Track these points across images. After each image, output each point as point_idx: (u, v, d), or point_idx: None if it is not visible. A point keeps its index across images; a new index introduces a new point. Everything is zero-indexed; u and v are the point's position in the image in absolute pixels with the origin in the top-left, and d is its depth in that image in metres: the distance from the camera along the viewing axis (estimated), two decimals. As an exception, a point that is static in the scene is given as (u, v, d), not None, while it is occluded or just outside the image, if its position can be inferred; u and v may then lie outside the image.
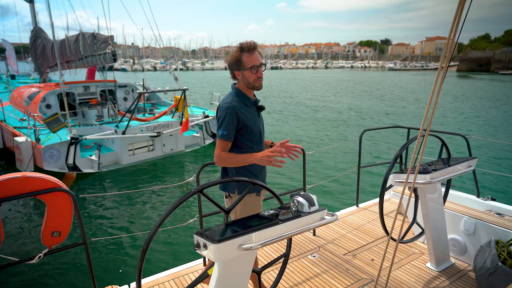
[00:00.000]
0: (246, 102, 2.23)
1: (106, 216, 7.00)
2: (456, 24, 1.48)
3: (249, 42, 2.16)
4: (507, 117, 19.26)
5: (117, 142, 9.96)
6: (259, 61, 2.17)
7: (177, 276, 2.83)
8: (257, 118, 2.28)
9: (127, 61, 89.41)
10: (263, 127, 2.37)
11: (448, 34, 1.62)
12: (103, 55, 9.97)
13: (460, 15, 1.45)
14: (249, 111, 2.22)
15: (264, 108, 2.33)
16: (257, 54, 2.18)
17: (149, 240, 1.53)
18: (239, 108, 2.17)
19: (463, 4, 1.43)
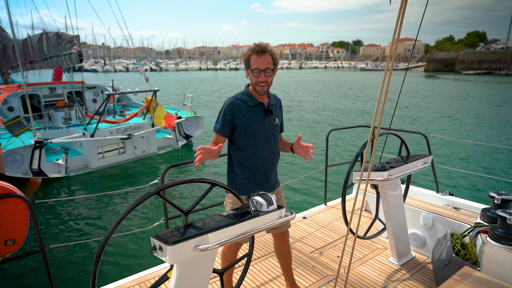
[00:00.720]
0: (250, 102, 2.21)
1: (67, 222, 6.78)
2: (399, 28, 1.55)
3: (260, 43, 2.11)
4: (472, 115, 20.25)
5: (85, 145, 9.66)
6: (264, 66, 2.09)
7: (142, 280, 2.78)
8: (260, 119, 2.21)
9: (97, 61, 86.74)
10: (272, 129, 2.28)
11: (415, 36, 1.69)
12: (69, 55, 9.63)
13: (402, 19, 1.52)
14: (251, 111, 2.20)
15: (271, 111, 2.24)
16: (266, 58, 2.10)
17: (103, 245, 1.49)
18: (239, 105, 2.18)
19: (404, 8, 1.50)
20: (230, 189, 1.94)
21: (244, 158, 2.25)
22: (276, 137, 2.33)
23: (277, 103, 2.35)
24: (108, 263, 5.27)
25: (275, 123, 2.30)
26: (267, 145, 2.27)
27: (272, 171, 2.35)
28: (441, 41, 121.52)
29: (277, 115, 2.32)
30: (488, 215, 2.75)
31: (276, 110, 2.32)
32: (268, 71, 2.11)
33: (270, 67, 2.12)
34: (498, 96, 31.03)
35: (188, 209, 1.78)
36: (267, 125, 2.24)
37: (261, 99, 2.24)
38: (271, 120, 2.26)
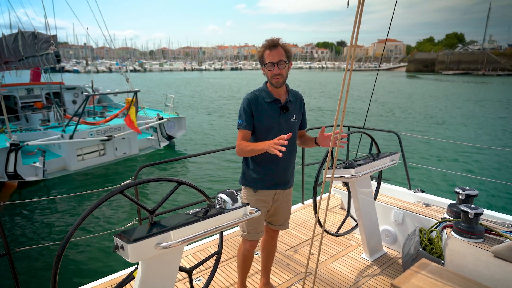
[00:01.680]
0: (266, 98, 2.23)
1: (39, 224, 6.65)
2: (357, 28, 1.59)
3: (272, 39, 2.16)
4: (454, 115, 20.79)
5: (64, 147, 9.46)
6: (277, 58, 2.12)
7: (114, 283, 2.75)
8: (276, 116, 2.22)
9: (79, 62, 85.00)
10: (289, 126, 2.27)
11: (398, 36, 1.74)
12: (45, 55, 9.41)
13: (359, 20, 1.57)
14: (267, 107, 2.21)
15: (287, 108, 2.23)
16: (279, 51, 2.13)
17: (64, 245, 1.48)
18: (256, 101, 2.22)
19: (361, 10, 1.55)
20: (196, 187, 1.95)
21: (261, 154, 2.22)
22: (294, 134, 2.30)
23: (296, 99, 2.33)
24: (79, 266, 5.18)
25: (292, 120, 2.28)
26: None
27: (287, 169, 2.34)
28: (422, 42, 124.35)
29: (295, 112, 2.30)
30: (454, 210, 2.85)
31: (295, 107, 2.30)
32: (282, 63, 2.13)
33: (283, 59, 2.14)
34: (476, 95, 31.96)
35: (154, 208, 1.78)
36: (283, 122, 2.24)
37: (277, 95, 2.25)
38: (287, 117, 2.25)
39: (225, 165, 10.30)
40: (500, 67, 68.88)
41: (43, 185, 8.72)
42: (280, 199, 2.40)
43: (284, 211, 2.48)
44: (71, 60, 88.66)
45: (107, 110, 13.26)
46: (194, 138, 14.17)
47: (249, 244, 2.42)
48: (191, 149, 12.62)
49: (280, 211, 2.45)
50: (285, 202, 2.45)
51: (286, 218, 2.53)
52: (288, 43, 2.26)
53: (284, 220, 2.52)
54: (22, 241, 5.98)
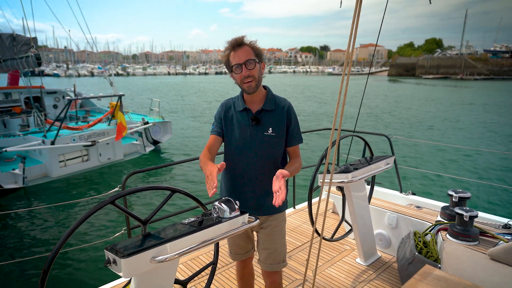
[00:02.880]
0: (237, 106, 1.94)
1: (19, 236, 6.31)
2: (354, 34, 1.56)
3: (235, 37, 1.82)
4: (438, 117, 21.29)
5: (45, 153, 9.15)
6: (244, 58, 1.78)
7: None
8: (245, 127, 1.90)
9: (60, 66, 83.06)
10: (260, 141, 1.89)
11: (379, 41, 1.71)
12: (25, 58, 9.10)
13: (357, 23, 1.54)
14: (238, 117, 1.93)
15: (257, 120, 1.88)
16: (245, 50, 1.79)
17: (51, 260, 1.37)
18: (229, 107, 1.97)
19: (358, 17, 1.52)
20: (191, 196, 1.87)
21: (227, 168, 1.99)
22: (266, 150, 1.90)
23: (277, 108, 1.91)
24: (65, 278, 4.96)
25: (267, 133, 1.88)
26: (249, 160, 1.91)
27: (254, 192, 1.95)
28: (403, 47, 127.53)
29: (272, 125, 1.88)
30: (447, 212, 2.86)
31: (272, 118, 1.89)
32: (250, 63, 1.79)
33: (251, 58, 1.80)
34: (457, 99, 32.89)
35: (147, 218, 1.68)
36: (253, 135, 1.89)
37: (250, 103, 1.91)
38: (259, 129, 1.88)
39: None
40: (477, 72, 71.26)
41: (24, 193, 8.39)
42: (257, 228, 2.04)
43: (265, 242, 2.01)
44: (51, 64, 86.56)
45: (90, 114, 12.94)
46: (181, 143, 13.99)
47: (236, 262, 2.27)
48: (178, 154, 12.43)
49: (261, 239, 2.04)
50: (264, 234, 2.01)
51: (267, 255, 2.01)
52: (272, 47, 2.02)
53: (265, 257, 2.02)
54: (2, 255, 5.68)
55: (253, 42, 1.83)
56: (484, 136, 15.84)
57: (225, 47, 1.85)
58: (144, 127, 11.39)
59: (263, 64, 1.89)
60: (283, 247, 2.05)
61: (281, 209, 2.01)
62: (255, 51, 1.83)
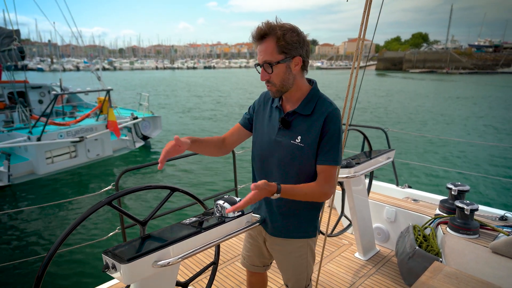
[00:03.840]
0: (272, 103, 1.68)
1: (8, 238, 6.08)
2: (365, 26, 1.50)
3: (259, 26, 1.45)
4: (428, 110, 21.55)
5: (31, 150, 8.89)
6: (261, 58, 1.46)
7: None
8: (272, 130, 1.61)
9: (44, 60, 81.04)
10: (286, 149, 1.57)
11: (367, 35, 1.65)
12: (8, 51, 8.78)
13: (367, 18, 1.48)
14: (269, 112, 1.66)
15: (286, 123, 1.56)
16: (266, 45, 1.44)
17: (45, 265, 1.27)
18: (264, 100, 1.71)
19: (369, 6, 1.46)
20: (191, 194, 1.79)
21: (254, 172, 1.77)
22: (291, 161, 1.56)
23: (314, 114, 1.53)
24: (57, 281, 4.82)
25: (294, 142, 1.54)
26: (269, 168, 1.65)
27: (272, 206, 1.67)
28: (390, 41, 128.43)
29: (303, 132, 1.53)
30: (447, 206, 2.85)
31: (305, 124, 1.53)
32: (267, 67, 1.46)
33: (269, 59, 1.44)
34: (446, 92, 33.37)
35: (145, 218, 1.59)
36: (279, 140, 1.58)
37: (286, 102, 1.60)
38: (286, 135, 1.56)
39: (213, 166, 10.05)
40: (462, 66, 72.45)
41: (9, 191, 8.15)
42: (269, 246, 1.78)
43: (282, 266, 1.79)
44: (35, 58, 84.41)
45: (77, 110, 12.63)
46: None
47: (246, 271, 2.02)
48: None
49: (279, 264, 1.82)
50: (281, 256, 1.77)
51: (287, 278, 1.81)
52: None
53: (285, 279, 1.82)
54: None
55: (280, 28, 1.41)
56: (476, 129, 16.12)
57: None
58: (133, 122, 11.19)
59: (296, 60, 1.47)
60: (305, 274, 1.78)
61: (300, 236, 1.69)
62: (280, 44, 1.42)
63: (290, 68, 1.48)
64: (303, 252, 1.72)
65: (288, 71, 1.48)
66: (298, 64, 1.49)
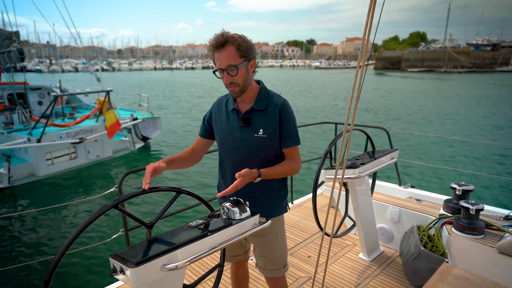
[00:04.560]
0: (228, 105, 1.86)
1: (11, 241, 6.04)
2: (369, 25, 1.49)
3: (216, 35, 1.64)
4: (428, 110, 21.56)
5: (31, 152, 8.87)
6: (225, 63, 1.63)
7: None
8: (235, 128, 1.80)
9: (42, 61, 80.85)
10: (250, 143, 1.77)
11: (367, 36, 1.64)
12: (7, 53, 8.75)
13: (372, 17, 1.47)
14: (228, 116, 1.84)
15: (247, 121, 1.77)
16: (227, 51, 1.62)
17: (52, 270, 1.26)
18: (221, 106, 1.89)
19: (374, 7, 1.45)
20: (198, 196, 1.78)
21: (219, 169, 1.97)
22: (256, 153, 1.78)
23: (269, 107, 1.76)
24: (60, 283, 4.79)
25: (257, 135, 1.75)
26: (239, 163, 1.81)
27: (245, 195, 1.81)
28: (388, 40, 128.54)
29: (263, 125, 1.75)
30: (451, 206, 2.84)
31: (263, 118, 1.76)
32: (232, 69, 1.64)
33: (233, 63, 1.63)
34: (446, 91, 33.38)
35: (152, 221, 1.58)
36: (243, 136, 1.78)
37: (240, 103, 1.81)
38: (248, 131, 1.77)
39: (216, 170, 10.01)
40: (460, 65, 72.48)
41: (10, 193, 8.12)
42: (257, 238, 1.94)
43: (260, 249, 1.93)
44: (33, 59, 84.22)
45: (77, 111, 12.60)
46: (171, 139, 13.78)
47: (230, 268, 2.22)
48: (168, 151, 12.25)
49: (255, 245, 1.96)
50: (260, 240, 1.92)
51: (266, 262, 1.93)
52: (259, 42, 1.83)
53: (263, 263, 1.94)
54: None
55: (238, 37, 1.64)
56: (479, 127, 16.12)
57: (208, 45, 1.70)
58: (133, 123, 11.17)
59: (252, 62, 1.71)
60: (282, 252, 1.94)
61: (277, 213, 1.89)
62: (241, 50, 1.64)
63: (248, 70, 1.71)
64: (278, 229, 1.92)
65: (247, 72, 1.71)
66: (253, 66, 1.74)
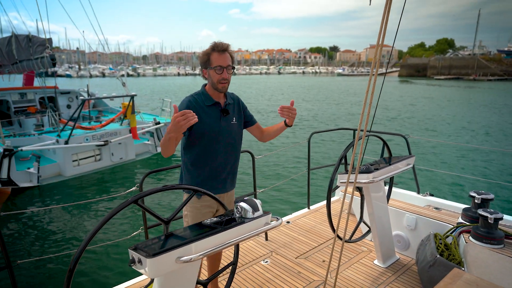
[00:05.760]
0: (206, 102, 2.19)
1: (39, 234, 6.40)
2: (383, 32, 1.52)
3: (221, 42, 2.15)
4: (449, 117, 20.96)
5: (59, 153, 9.27)
6: (226, 63, 2.12)
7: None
8: (217, 119, 2.19)
9: (72, 67, 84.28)
10: (230, 129, 2.25)
11: (389, 42, 1.67)
12: (40, 59, 9.23)
13: (386, 24, 1.50)
14: (207, 111, 2.17)
15: (227, 111, 2.23)
16: (227, 56, 2.13)
17: (77, 259, 1.37)
18: (196, 104, 2.16)
19: (388, 12, 1.48)
20: (212, 196, 1.85)
21: (199, 157, 2.21)
22: (235, 137, 2.29)
23: (234, 102, 2.34)
24: (82, 277, 5.00)
25: (232, 122, 2.27)
26: (222, 146, 2.23)
27: (229, 173, 2.31)
28: (413, 47, 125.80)
29: (235, 115, 2.30)
30: (469, 214, 2.79)
31: (234, 109, 2.30)
32: (230, 68, 2.15)
33: (231, 65, 2.16)
34: (473, 100, 32.29)
35: (169, 217, 1.68)
36: (224, 125, 2.22)
37: (217, 98, 2.23)
38: (227, 120, 2.24)
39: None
40: (490, 72, 69.94)
41: (38, 191, 8.51)
42: (225, 202, 2.35)
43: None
44: (64, 65, 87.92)
45: (103, 114, 13.08)
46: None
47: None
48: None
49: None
50: (231, 202, 2.41)
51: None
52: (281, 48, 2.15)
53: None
54: (21, 252, 5.73)
55: (232, 50, 2.20)
56: (507, 136, 15.50)
57: (210, 46, 2.14)
58: (155, 127, 11.46)
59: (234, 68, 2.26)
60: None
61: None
62: (233, 59, 2.18)
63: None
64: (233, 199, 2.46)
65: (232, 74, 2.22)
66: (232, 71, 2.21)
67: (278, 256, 3.23)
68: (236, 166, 2.37)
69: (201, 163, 2.22)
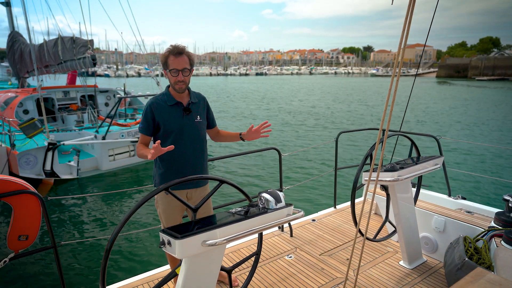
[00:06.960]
0: (168, 101, 2.34)
1: (78, 220, 6.93)
2: (407, 31, 1.54)
3: (177, 45, 2.26)
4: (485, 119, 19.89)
5: (97, 148, 9.80)
6: (182, 66, 2.23)
7: (151, 279, 2.79)
8: (179, 117, 2.33)
9: (110, 67, 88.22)
10: (193, 127, 2.37)
11: (428, 41, 1.68)
12: (83, 59, 9.81)
13: (410, 22, 1.52)
14: (169, 110, 2.32)
15: (189, 110, 2.35)
16: (184, 59, 2.24)
17: (113, 240, 1.51)
18: (158, 105, 2.32)
19: (411, 12, 1.49)
20: (237, 187, 1.94)
21: (167, 154, 2.28)
22: (198, 134, 2.40)
23: (199, 101, 2.46)
24: (116, 262, 5.33)
25: (196, 120, 2.39)
26: (187, 142, 2.36)
27: (196, 167, 2.41)
28: (453, 47, 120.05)
29: (199, 113, 2.42)
30: (503, 218, 2.69)
31: (198, 108, 2.42)
32: (186, 71, 2.25)
33: (187, 67, 2.26)
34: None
35: (196, 206, 1.80)
36: (186, 123, 2.35)
37: (180, 98, 2.36)
38: (190, 118, 2.37)
39: (255, 165, 10.30)
40: (540, 73, 65.32)
41: (77, 183, 9.06)
42: (194, 198, 2.46)
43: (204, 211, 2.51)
44: (102, 65, 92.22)
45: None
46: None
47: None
48: (217, 151, 12.73)
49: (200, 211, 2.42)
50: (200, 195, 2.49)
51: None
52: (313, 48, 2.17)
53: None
54: (63, 235, 6.26)
55: (189, 52, 2.29)
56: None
57: (167, 49, 2.25)
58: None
59: (192, 70, 2.34)
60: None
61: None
62: (190, 61, 2.28)
63: (190, 75, 2.33)
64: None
65: (190, 76, 2.33)
66: (192, 72, 2.34)
67: (303, 252, 3.27)
68: (202, 161, 2.46)
69: (169, 159, 2.34)
